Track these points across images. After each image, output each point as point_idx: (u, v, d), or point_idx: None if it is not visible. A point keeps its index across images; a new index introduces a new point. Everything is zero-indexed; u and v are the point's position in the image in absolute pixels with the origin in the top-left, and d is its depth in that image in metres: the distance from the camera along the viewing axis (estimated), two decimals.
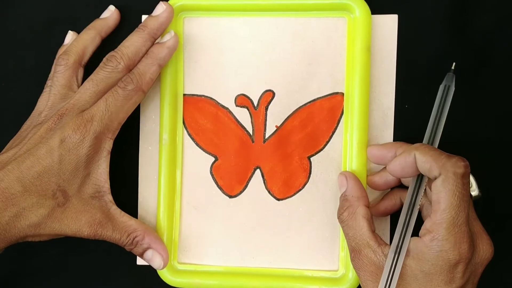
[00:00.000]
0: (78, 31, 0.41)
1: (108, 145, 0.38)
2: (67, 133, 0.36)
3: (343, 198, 0.38)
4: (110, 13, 0.41)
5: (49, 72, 0.40)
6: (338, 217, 0.37)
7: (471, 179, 0.37)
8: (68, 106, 0.37)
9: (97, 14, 0.41)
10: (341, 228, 0.37)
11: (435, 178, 0.32)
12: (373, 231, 0.35)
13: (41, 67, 0.41)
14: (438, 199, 0.32)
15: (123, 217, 0.38)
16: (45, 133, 0.36)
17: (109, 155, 0.38)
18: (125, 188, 0.41)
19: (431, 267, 0.32)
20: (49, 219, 0.36)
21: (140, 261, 0.42)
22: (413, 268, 0.33)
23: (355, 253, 0.35)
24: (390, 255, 0.33)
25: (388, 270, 0.33)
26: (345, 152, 0.40)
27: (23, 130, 0.39)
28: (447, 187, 0.32)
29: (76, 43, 0.40)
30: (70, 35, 0.41)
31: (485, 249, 0.33)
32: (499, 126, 0.40)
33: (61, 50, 0.41)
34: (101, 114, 0.36)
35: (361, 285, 0.35)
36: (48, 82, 0.40)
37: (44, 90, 0.40)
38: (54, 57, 0.41)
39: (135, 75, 0.38)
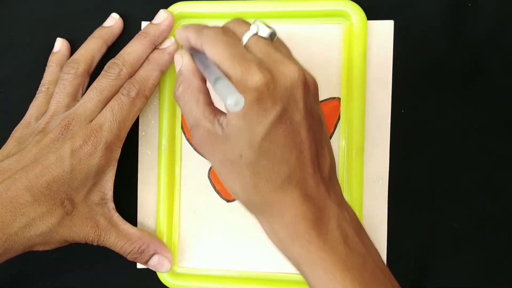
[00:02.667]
0: (77, 37, 0.41)
1: (116, 153, 0.38)
2: (78, 144, 0.36)
3: (178, 74, 0.36)
4: (115, 22, 0.41)
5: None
6: (174, 94, 0.35)
7: (257, 23, 0.33)
8: (74, 115, 0.37)
9: (95, 20, 0.41)
10: (179, 106, 0.35)
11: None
12: (209, 104, 0.34)
13: (38, 72, 0.42)
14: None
15: (126, 225, 0.39)
16: (51, 143, 0.36)
17: (117, 163, 0.38)
18: (124, 193, 0.41)
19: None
20: (59, 228, 0.36)
21: (140, 265, 0.42)
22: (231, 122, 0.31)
23: (193, 128, 0.34)
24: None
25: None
26: (342, 157, 0.40)
27: (20, 136, 0.38)
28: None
29: (85, 52, 0.40)
30: (60, 42, 0.42)
31: (288, 70, 0.31)
32: (496, 133, 0.41)
33: (52, 57, 0.41)
34: (109, 123, 0.36)
35: (208, 159, 0.34)
36: (42, 88, 0.40)
37: (37, 95, 0.40)
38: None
39: (137, 81, 0.38)
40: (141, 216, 0.42)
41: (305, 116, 0.31)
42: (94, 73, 0.40)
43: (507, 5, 0.40)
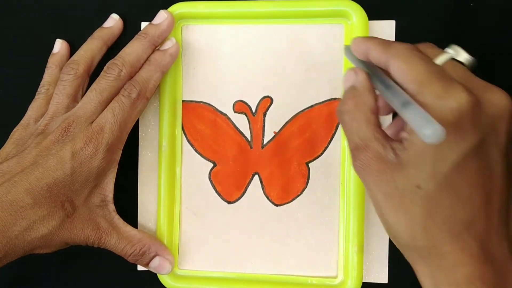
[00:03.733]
0: (77, 38, 0.41)
1: (117, 155, 0.38)
2: (79, 146, 0.35)
3: (350, 88, 0.31)
4: (115, 22, 0.41)
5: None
6: (339, 110, 0.30)
7: (455, 48, 0.31)
8: (74, 117, 0.36)
9: (95, 21, 0.41)
10: (341, 124, 0.31)
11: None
12: (380, 127, 0.29)
13: (37, 73, 0.41)
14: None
15: (127, 227, 0.39)
16: (51, 145, 0.36)
17: (117, 165, 0.38)
18: (125, 194, 0.41)
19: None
20: (60, 230, 0.35)
21: (140, 267, 0.42)
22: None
23: (358, 150, 0.29)
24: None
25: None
26: (343, 158, 0.40)
27: (19, 138, 0.38)
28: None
29: (85, 53, 0.39)
30: (59, 43, 0.41)
31: (496, 98, 0.27)
32: None
33: (51, 58, 0.41)
34: (111, 125, 0.36)
35: (368, 192, 0.29)
36: (42, 89, 0.40)
37: (37, 96, 0.40)
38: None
39: (138, 82, 0.38)
40: (141, 218, 0.42)
41: (503, 154, 0.27)
42: (94, 74, 0.39)
43: (509, 5, 0.40)
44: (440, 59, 0.29)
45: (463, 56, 0.30)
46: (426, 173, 0.26)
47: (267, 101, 0.41)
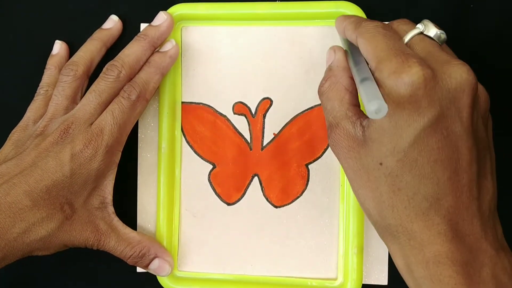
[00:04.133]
0: (76, 39, 0.41)
1: (117, 157, 0.38)
2: (78, 148, 0.35)
3: (328, 69, 0.32)
4: (114, 23, 0.41)
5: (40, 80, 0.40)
6: (319, 90, 0.32)
7: (425, 23, 0.31)
8: (73, 119, 0.36)
9: (94, 22, 0.41)
10: (321, 102, 0.32)
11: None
12: (354, 105, 0.30)
13: (36, 74, 0.41)
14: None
15: (126, 229, 0.39)
16: (50, 147, 0.35)
17: (117, 167, 0.38)
18: (124, 196, 0.41)
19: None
20: (58, 232, 0.35)
21: (140, 269, 0.42)
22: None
23: (332, 128, 0.30)
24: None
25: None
26: None
27: (18, 139, 0.38)
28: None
29: (84, 54, 0.39)
30: (59, 45, 0.41)
31: (455, 71, 0.27)
32: (497, 132, 0.40)
33: (50, 59, 0.41)
34: (110, 127, 0.36)
35: (341, 166, 0.30)
36: (41, 90, 0.40)
37: (36, 98, 0.40)
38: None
39: (138, 84, 0.37)
40: (141, 219, 0.42)
41: (468, 130, 0.26)
42: (93, 75, 0.39)
43: (510, 6, 0.40)
44: (409, 35, 0.30)
45: (432, 31, 0.30)
46: (386, 149, 0.27)
47: (266, 103, 0.41)
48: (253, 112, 0.41)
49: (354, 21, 0.31)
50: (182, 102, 0.41)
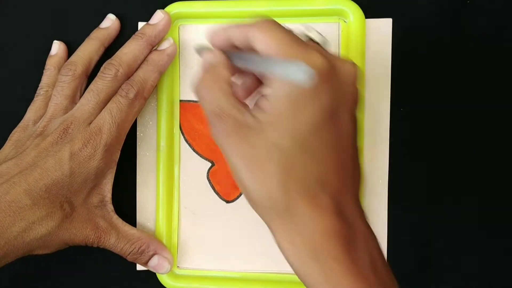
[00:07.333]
0: (74, 39, 0.41)
1: (116, 156, 0.38)
2: (77, 147, 0.35)
3: (207, 65, 0.32)
4: (112, 23, 0.41)
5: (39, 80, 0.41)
6: (196, 86, 0.31)
7: (309, 28, 0.32)
8: (72, 118, 0.36)
9: (92, 21, 0.41)
10: (199, 100, 0.31)
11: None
12: (237, 97, 0.30)
13: (36, 74, 0.41)
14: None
15: (125, 227, 0.39)
16: (50, 146, 0.36)
17: (116, 166, 0.38)
18: (123, 194, 0.41)
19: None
20: (58, 231, 0.35)
21: (139, 267, 0.42)
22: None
23: (216, 117, 0.30)
24: None
25: None
26: None
27: (18, 140, 0.38)
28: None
29: (82, 54, 0.39)
30: (57, 45, 0.41)
31: (345, 65, 0.29)
32: (497, 132, 0.40)
33: (49, 60, 0.41)
34: (109, 126, 0.36)
35: (226, 158, 0.30)
36: (41, 91, 0.40)
37: (36, 98, 0.40)
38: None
39: (136, 82, 0.38)
40: (140, 217, 0.42)
41: (353, 118, 0.29)
42: (92, 75, 0.39)
43: (506, 3, 0.40)
44: (303, 35, 0.31)
45: (317, 36, 0.32)
46: (283, 131, 0.28)
47: None
48: None
49: (242, 25, 0.31)
50: (180, 100, 0.41)
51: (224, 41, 0.32)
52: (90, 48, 0.40)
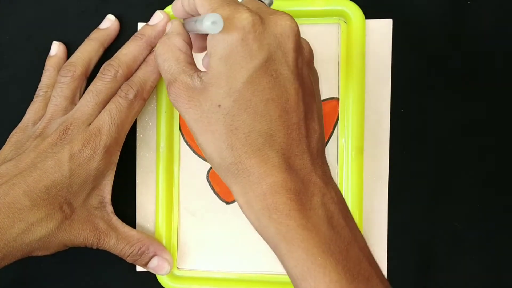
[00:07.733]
0: (73, 39, 0.41)
1: (115, 157, 0.38)
2: (77, 148, 0.35)
3: (163, 36, 0.34)
4: (111, 23, 0.41)
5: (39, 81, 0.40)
6: (155, 52, 0.33)
7: None
8: (72, 120, 0.36)
9: (92, 22, 0.41)
10: (158, 64, 0.33)
11: None
12: (189, 63, 0.32)
13: (35, 75, 0.41)
14: None
15: (125, 228, 0.39)
16: (49, 147, 0.36)
17: (115, 167, 0.38)
18: (123, 195, 0.41)
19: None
20: (58, 232, 0.35)
21: (139, 268, 0.42)
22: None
23: (171, 84, 0.31)
24: None
25: None
26: (341, 157, 0.40)
27: (18, 141, 0.38)
28: None
29: (81, 55, 0.39)
30: (56, 46, 0.41)
31: (280, 19, 0.30)
32: (497, 132, 0.40)
33: (48, 61, 0.41)
34: (108, 127, 0.36)
35: (182, 116, 0.31)
36: (40, 92, 0.40)
37: (35, 99, 0.40)
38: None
39: (135, 83, 0.38)
40: (140, 218, 0.42)
41: (294, 73, 0.29)
42: (91, 76, 0.39)
43: (506, 3, 0.40)
44: None
45: None
46: (223, 91, 0.29)
47: None
48: None
49: None
50: None
51: (181, 10, 0.34)
52: (89, 48, 0.40)
